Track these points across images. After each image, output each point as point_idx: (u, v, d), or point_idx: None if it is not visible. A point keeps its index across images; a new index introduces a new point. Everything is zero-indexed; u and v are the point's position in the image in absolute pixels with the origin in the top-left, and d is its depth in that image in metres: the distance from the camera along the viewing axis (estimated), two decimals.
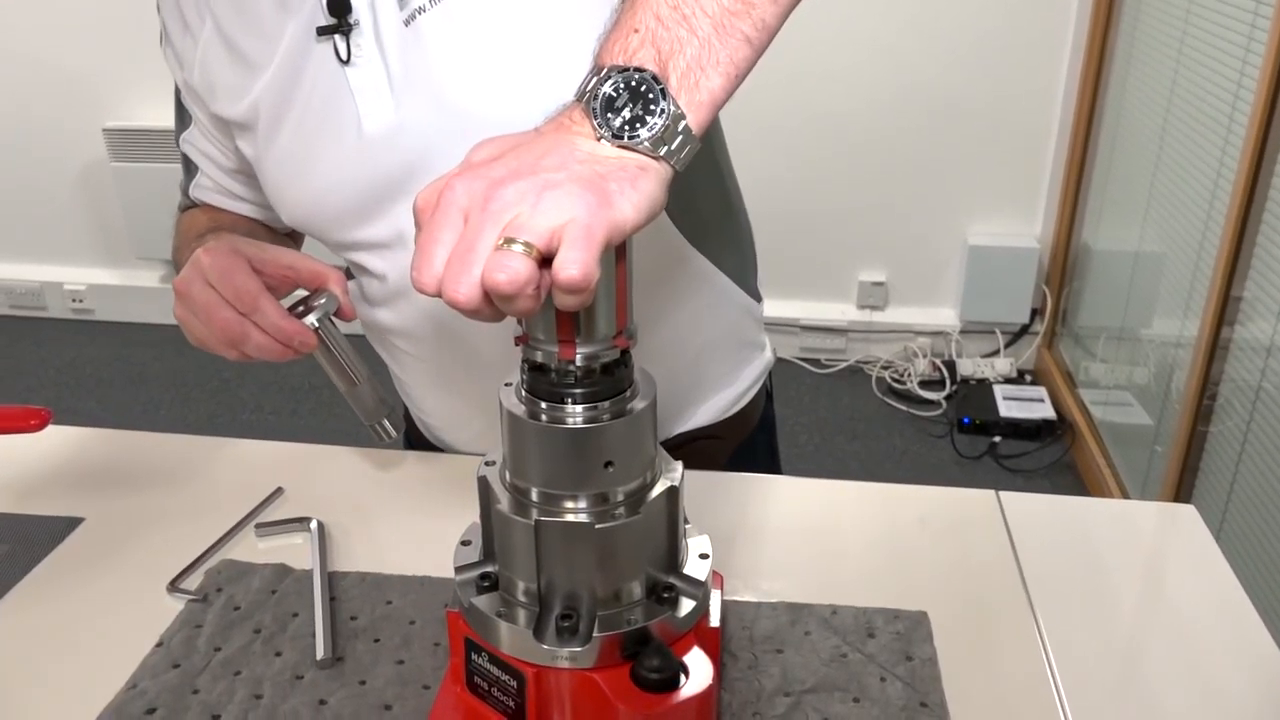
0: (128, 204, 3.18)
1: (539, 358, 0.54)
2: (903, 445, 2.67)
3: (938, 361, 2.94)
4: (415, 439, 1.05)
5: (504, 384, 0.58)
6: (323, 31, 0.78)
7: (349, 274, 0.93)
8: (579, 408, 0.55)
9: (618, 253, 0.53)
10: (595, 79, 0.52)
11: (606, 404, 0.56)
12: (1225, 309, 1.98)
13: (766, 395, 1.06)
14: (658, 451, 0.60)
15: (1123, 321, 2.54)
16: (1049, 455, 2.61)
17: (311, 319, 0.77)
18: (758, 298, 0.99)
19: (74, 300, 3.43)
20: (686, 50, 0.53)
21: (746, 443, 1.02)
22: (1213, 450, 2.05)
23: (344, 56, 0.77)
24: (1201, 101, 2.10)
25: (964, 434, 2.67)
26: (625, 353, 0.56)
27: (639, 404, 0.57)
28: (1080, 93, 2.70)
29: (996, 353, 2.98)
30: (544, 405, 0.56)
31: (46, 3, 3.06)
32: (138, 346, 3.28)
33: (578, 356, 0.54)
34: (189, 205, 0.99)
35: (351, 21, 0.77)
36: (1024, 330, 2.99)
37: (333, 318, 0.79)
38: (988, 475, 2.55)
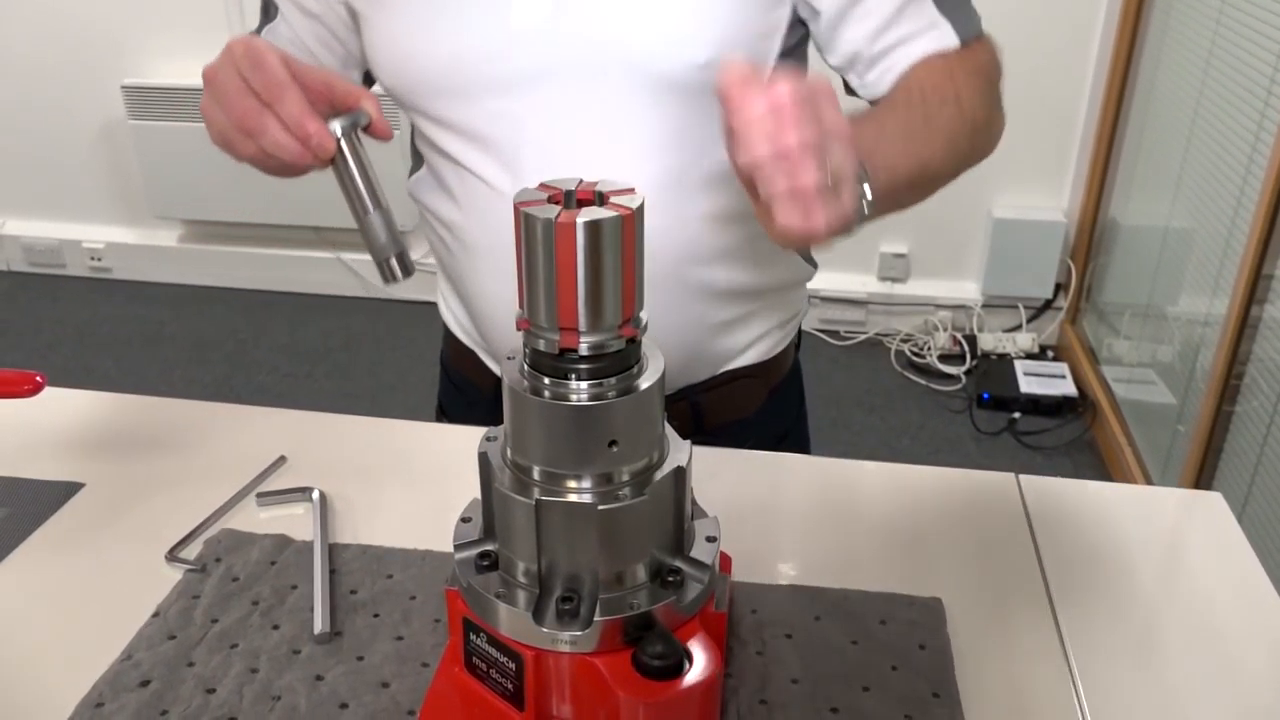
0: (146, 162, 3.17)
1: (541, 345, 0.52)
2: (920, 419, 2.64)
3: (958, 335, 2.90)
4: (452, 355, 1.07)
5: (506, 358, 0.56)
6: None
7: (419, 158, 0.96)
8: (583, 384, 0.53)
9: (626, 240, 0.51)
10: None
11: (612, 380, 0.53)
12: (1256, 287, 1.94)
13: (796, 341, 1.07)
14: (664, 429, 0.58)
15: (1149, 298, 2.49)
16: (1069, 433, 2.57)
17: (336, 125, 0.70)
18: None
19: (92, 259, 3.43)
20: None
21: (780, 385, 1.03)
22: (1237, 431, 2.01)
23: None
24: (1239, 74, 2.04)
25: (983, 409, 2.64)
26: (632, 341, 0.53)
27: (646, 381, 0.54)
28: (1113, 64, 2.63)
29: (1018, 328, 2.94)
30: (547, 381, 0.53)
31: None
32: (155, 305, 3.28)
33: (582, 345, 0.51)
34: None
35: None
36: (1047, 305, 2.94)
37: (361, 134, 0.73)
38: (1006, 452, 2.52)
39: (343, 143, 0.71)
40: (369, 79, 0.94)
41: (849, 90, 0.86)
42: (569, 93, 0.81)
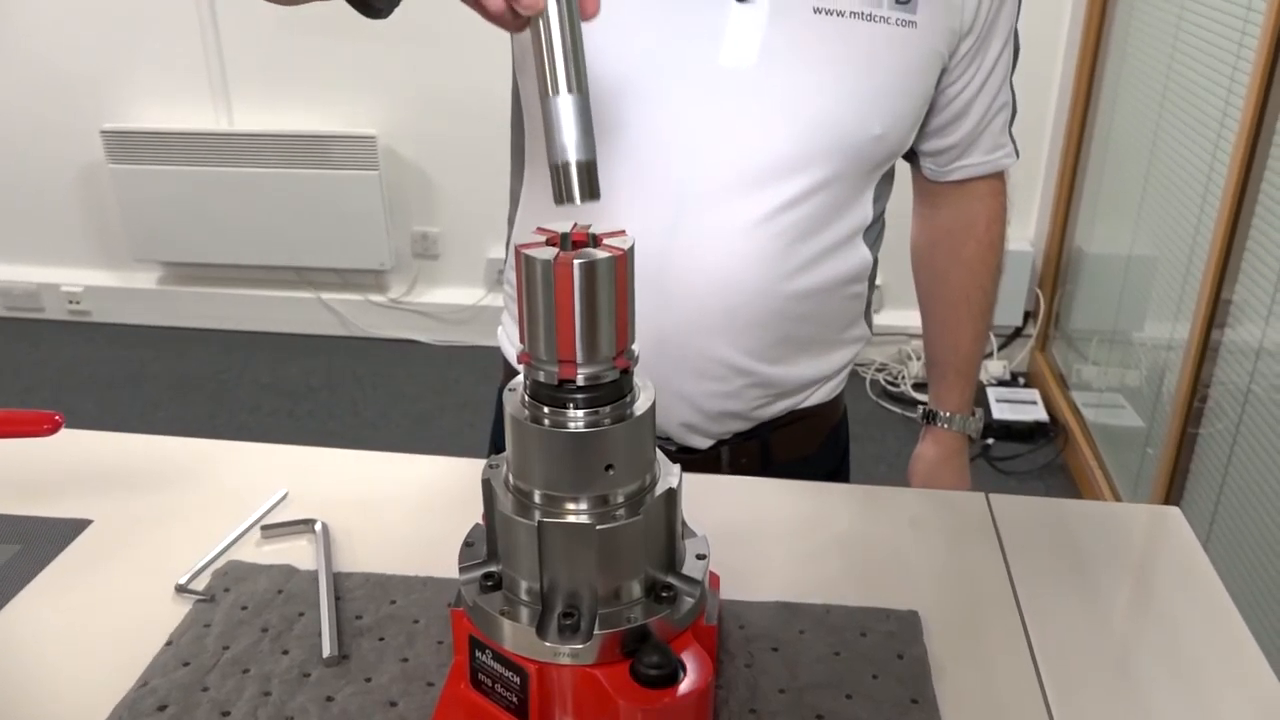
0: (125, 206, 3.19)
1: (541, 377, 0.56)
2: (897, 447, 2.69)
3: (925, 369, 2.96)
4: None
5: (508, 389, 0.60)
6: None
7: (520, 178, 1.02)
8: (580, 413, 0.57)
9: (619, 279, 0.55)
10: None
11: (607, 409, 0.57)
12: (1215, 312, 2.00)
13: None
14: (656, 454, 0.62)
15: (1115, 324, 2.56)
16: (1042, 457, 2.63)
17: None
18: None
19: (71, 302, 3.44)
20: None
21: (836, 425, 1.13)
22: (1203, 452, 2.07)
23: None
24: (1193, 107, 2.13)
25: None
26: (625, 371, 0.57)
27: (639, 408, 0.58)
28: (1074, 98, 2.72)
29: (990, 355, 3.00)
30: (547, 410, 0.57)
31: (46, 3, 3.07)
32: (135, 347, 3.29)
33: (579, 376, 0.55)
34: None
35: None
36: (1017, 333, 3.01)
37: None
38: (981, 477, 2.57)
39: None
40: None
41: (912, 162, 1.04)
42: (748, 134, 0.88)
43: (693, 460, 1.00)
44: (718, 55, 0.87)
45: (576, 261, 0.54)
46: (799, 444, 1.06)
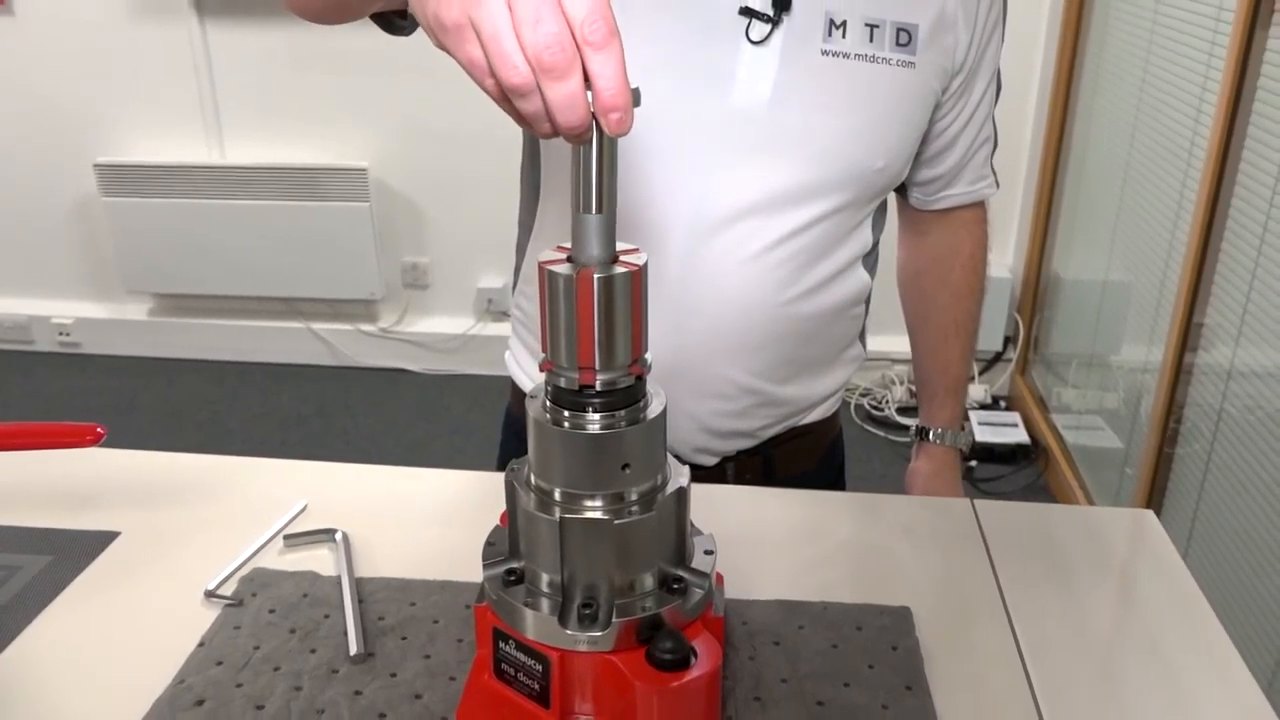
0: (118, 238, 3.23)
1: (562, 382, 0.61)
2: (882, 470, 2.74)
3: (914, 389, 3.01)
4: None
5: (529, 396, 0.65)
6: (749, 14, 0.90)
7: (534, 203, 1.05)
8: (598, 416, 0.62)
9: (634, 292, 0.60)
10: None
11: (623, 413, 0.62)
12: (1188, 335, 2.07)
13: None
14: (667, 456, 0.67)
15: (1092, 348, 2.63)
16: (1023, 478, 2.69)
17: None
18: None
19: (61, 334, 3.46)
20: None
21: (834, 440, 1.17)
22: (1179, 471, 2.13)
23: (754, 39, 0.91)
24: (1163, 137, 2.21)
25: None
26: (640, 378, 0.62)
27: (652, 412, 0.63)
28: (1049, 129, 2.81)
29: (972, 379, 3.06)
30: (567, 414, 0.62)
31: (40, 38, 3.12)
32: (126, 378, 3.32)
33: (597, 382, 0.60)
34: None
35: (783, 19, 0.90)
36: (998, 357, 3.08)
37: None
38: None
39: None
40: None
41: (900, 192, 1.11)
42: (760, 168, 0.93)
43: (699, 476, 1.04)
44: (731, 95, 0.92)
45: (596, 276, 0.58)
46: (800, 459, 1.11)
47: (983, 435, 2.78)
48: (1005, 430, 2.81)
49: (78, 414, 3.10)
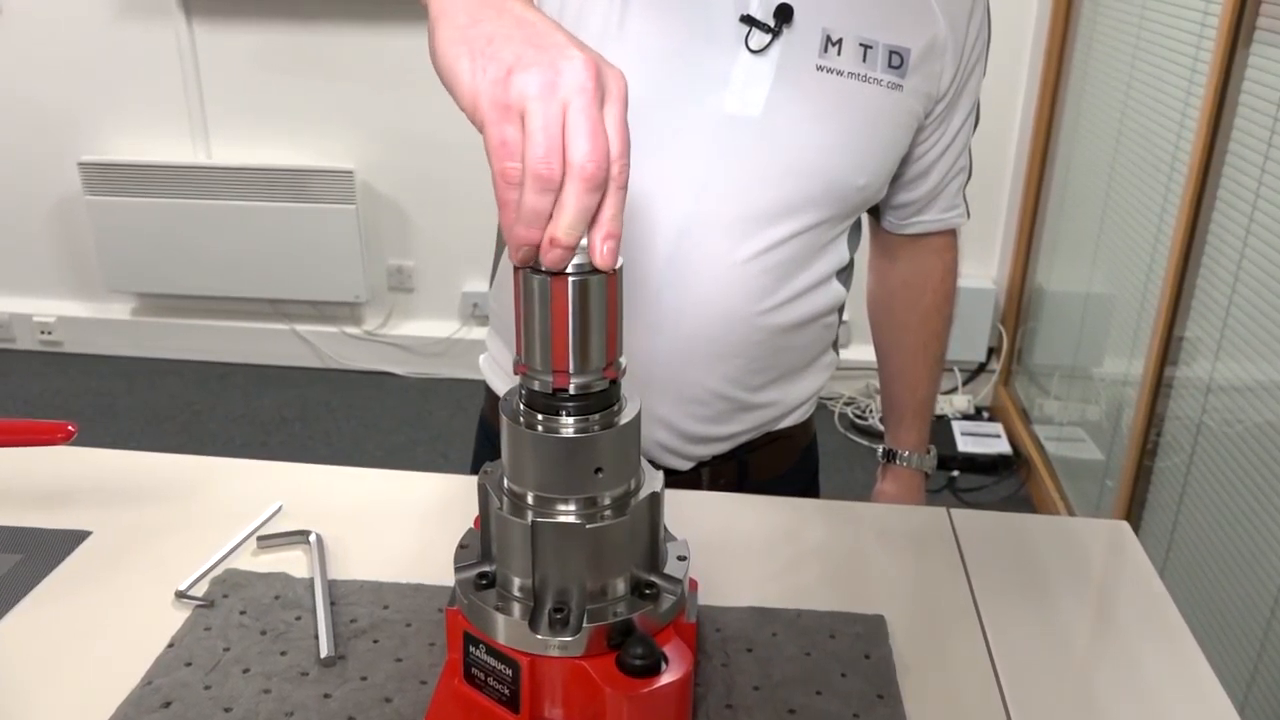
0: (101, 237, 3.21)
1: (536, 385, 0.61)
2: (864, 479, 2.75)
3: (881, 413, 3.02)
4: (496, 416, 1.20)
5: (503, 398, 0.65)
6: (749, 22, 0.91)
7: None
8: (572, 419, 0.62)
9: (609, 296, 0.60)
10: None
11: (597, 416, 0.62)
12: (1168, 349, 2.08)
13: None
14: (641, 461, 0.67)
15: (1074, 360, 2.64)
16: (1005, 489, 2.70)
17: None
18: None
19: (42, 332, 3.44)
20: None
21: (808, 446, 1.18)
22: (1159, 484, 2.14)
23: (754, 48, 0.91)
24: (1145, 151, 2.22)
25: None
26: (614, 382, 0.62)
27: (625, 417, 0.63)
28: (1033, 142, 2.82)
29: (955, 390, 3.08)
30: (540, 417, 0.62)
31: (27, 36, 3.11)
32: (108, 379, 3.29)
33: (571, 385, 0.60)
34: None
35: (783, 30, 0.91)
36: (981, 368, 3.09)
37: None
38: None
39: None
40: None
41: (874, 215, 1.12)
42: (746, 176, 0.94)
43: (673, 481, 1.05)
44: (724, 102, 0.92)
45: (572, 279, 0.58)
46: (774, 463, 1.12)
47: (965, 445, 2.79)
48: (987, 441, 2.81)
49: (58, 414, 3.08)
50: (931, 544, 0.89)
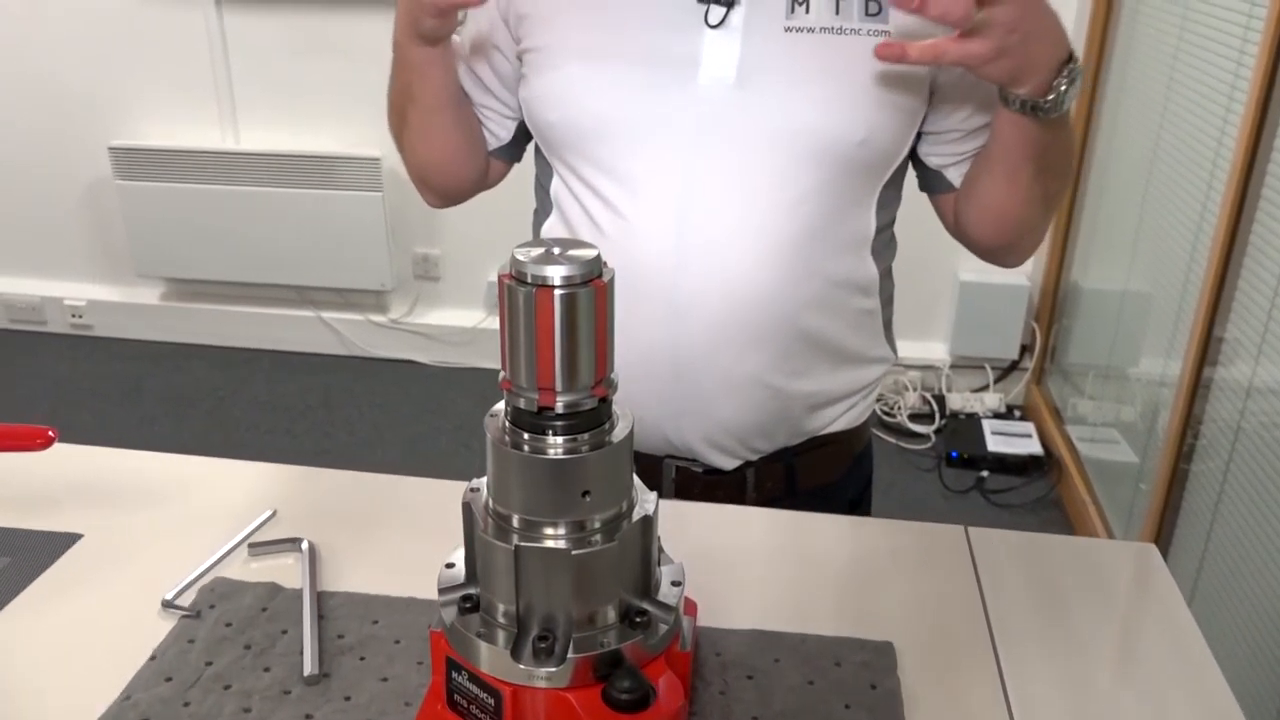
0: (131, 221, 3.22)
1: (521, 403, 0.58)
2: (890, 477, 2.70)
3: (928, 395, 2.97)
4: None
5: (489, 415, 0.62)
6: (708, 0, 0.90)
7: (546, 205, 1.04)
8: (559, 439, 0.58)
9: (599, 309, 0.56)
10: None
11: (585, 436, 0.59)
12: (1207, 349, 2.02)
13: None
14: (634, 481, 0.63)
15: (1109, 360, 2.57)
16: (1035, 490, 2.64)
17: None
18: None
19: (74, 315, 3.46)
20: None
21: (861, 453, 1.12)
22: (1194, 488, 2.08)
23: (712, 23, 0.90)
24: (1187, 146, 2.15)
25: (951, 468, 2.70)
26: (604, 400, 0.59)
27: (617, 435, 0.60)
28: None
29: (986, 388, 3.01)
30: (526, 436, 0.59)
31: (58, 22, 3.11)
32: (135, 362, 3.31)
33: (558, 404, 0.57)
34: None
35: (737, 1, 0.90)
36: (1014, 366, 3.02)
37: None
38: (974, 509, 2.58)
39: None
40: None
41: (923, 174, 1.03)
42: (735, 148, 0.92)
43: (719, 482, 1.02)
44: (697, 77, 0.91)
45: (557, 292, 0.55)
46: (823, 470, 1.07)
47: (995, 445, 2.73)
48: (1018, 441, 2.75)
49: (85, 397, 3.10)
50: (946, 564, 0.85)
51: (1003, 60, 0.81)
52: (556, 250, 0.57)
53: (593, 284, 0.56)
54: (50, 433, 0.75)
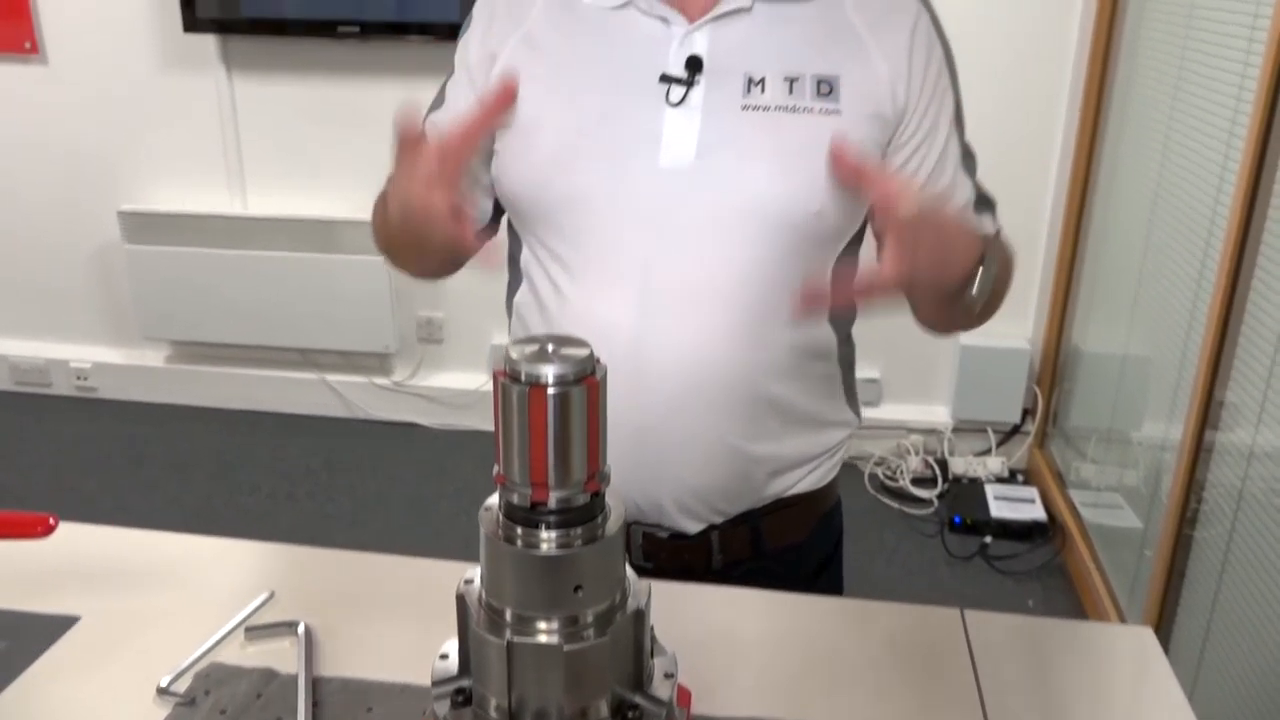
0: (138, 284, 3.25)
1: (515, 499, 0.58)
2: (894, 543, 2.69)
3: (930, 459, 2.97)
4: None
5: (483, 508, 0.62)
6: (667, 80, 0.95)
7: (518, 276, 1.07)
8: (552, 533, 0.59)
9: (591, 406, 0.57)
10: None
11: (579, 530, 0.59)
12: (1208, 413, 2.02)
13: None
14: (626, 572, 0.64)
15: (1111, 423, 2.57)
16: (1039, 557, 2.62)
17: None
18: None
19: (79, 378, 3.48)
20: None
21: (827, 513, 1.13)
22: (1198, 556, 2.06)
23: (673, 101, 0.95)
24: (1184, 210, 2.17)
25: (955, 533, 2.69)
26: (597, 494, 0.59)
27: (610, 529, 0.60)
28: (1068, 198, 2.78)
29: (988, 451, 3.01)
30: (520, 531, 0.59)
31: (72, 87, 3.18)
32: (138, 425, 3.32)
33: (551, 499, 0.57)
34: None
35: (697, 80, 0.94)
36: (1016, 430, 3.02)
37: None
38: (978, 576, 2.56)
39: None
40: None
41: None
42: (696, 220, 0.95)
43: (685, 546, 1.03)
44: (658, 157, 0.95)
45: (550, 391, 0.56)
46: (789, 530, 1.09)
47: (999, 511, 2.72)
48: (1022, 506, 2.74)
49: (89, 461, 3.11)
50: (943, 651, 0.85)
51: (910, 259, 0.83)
52: (550, 348, 0.58)
53: (585, 382, 0.57)
54: (51, 520, 0.76)
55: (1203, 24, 2.14)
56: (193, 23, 2.97)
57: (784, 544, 1.08)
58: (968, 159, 1.05)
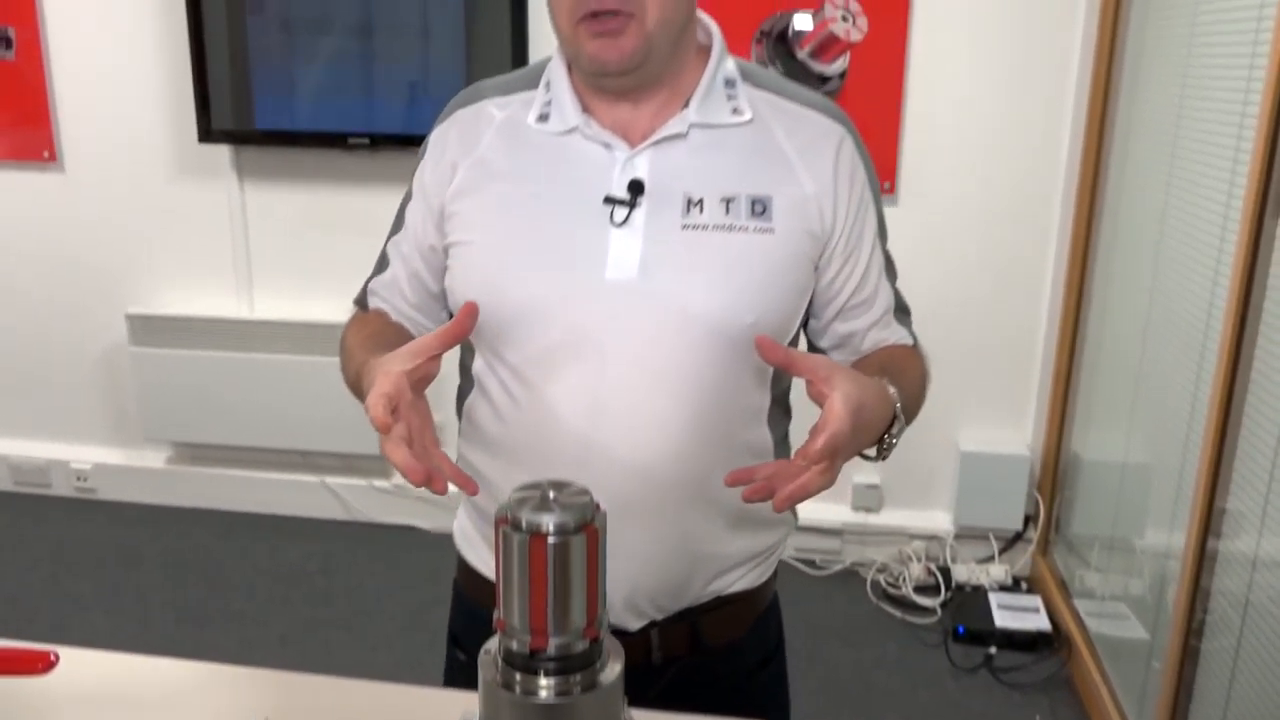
0: (142, 386, 3.27)
1: (514, 645, 0.59)
2: (897, 653, 2.64)
3: (932, 566, 2.94)
4: (468, 585, 1.21)
5: (484, 650, 0.62)
6: (611, 201, 1.00)
7: (469, 381, 1.11)
8: (551, 680, 0.59)
9: (590, 555, 0.58)
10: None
11: (577, 677, 0.59)
12: (1210, 520, 2.00)
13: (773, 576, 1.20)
14: (625, 715, 0.64)
15: (1114, 531, 2.56)
16: (1045, 669, 2.58)
17: None
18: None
19: (78, 479, 3.47)
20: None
21: (765, 611, 1.17)
22: (1206, 667, 2.03)
23: (616, 221, 1.00)
24: (1179, 316, 2.19)
25: (959, 643, 2.65)
26: (595, 640, 0.60)
27: (607, 676, 0.60)
28: (1065, 306, 2.81)
29: (991, 559, 2.99)
30: (519, 677, 0.59)
31: (87, 192, 3.25)
32: (137, 527, 3.30)
33: (550, 646, 0.58)
34: (358, 305, 1.26)
35: (639, 202, 1.00)
36: (1018, 536, 3.00)
37: None
38: (983, 689, 2.52)
39: None
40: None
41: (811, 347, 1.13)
42: (640, 333, 1.00)
43: (626, 643, 1.02)
44: (605, 270, 1.00)
45: (551, 540, 0.57)
46: (727, 628, 1.12)
47: (1003, 620, 2.68)
48: (1026, 615, 2.70)
49: (86, 564, 3.08)
50: None
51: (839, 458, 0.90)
52: (551, 494, 0.59)
53: (585, 530, 0.58)
54: (51, 657, 0.76)
55: (1197, 96, 2.20)
56: (208, 133, 3.05)
57: (723, 641, 1.12)
58: (890, 268, 1.12)
